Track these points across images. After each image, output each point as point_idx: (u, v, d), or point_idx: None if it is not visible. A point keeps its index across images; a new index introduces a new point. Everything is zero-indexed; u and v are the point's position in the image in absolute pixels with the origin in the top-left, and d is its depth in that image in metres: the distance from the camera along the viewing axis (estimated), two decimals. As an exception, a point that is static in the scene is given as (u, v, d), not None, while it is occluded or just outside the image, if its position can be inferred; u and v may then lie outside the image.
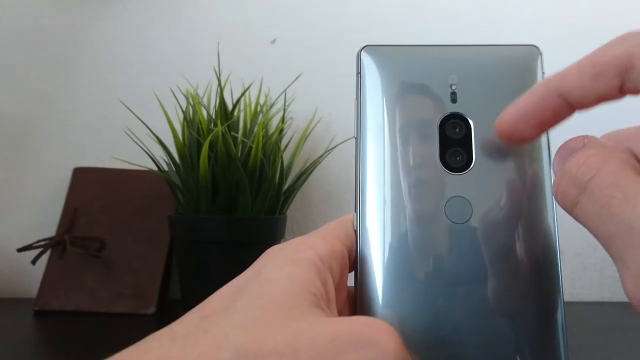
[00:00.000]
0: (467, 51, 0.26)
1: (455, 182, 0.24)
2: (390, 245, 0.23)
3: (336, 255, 0.22)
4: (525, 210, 0.23)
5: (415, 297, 0.22)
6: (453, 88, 0.25)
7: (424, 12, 0.74)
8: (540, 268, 0.23)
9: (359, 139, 0.25)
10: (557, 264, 0.23)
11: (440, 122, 0.24)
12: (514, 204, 0.23)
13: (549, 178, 0.24)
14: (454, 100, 0.25)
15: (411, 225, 0.23)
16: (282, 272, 0.20)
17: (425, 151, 0.24)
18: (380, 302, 0.23)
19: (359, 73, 0.26)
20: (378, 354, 0.17)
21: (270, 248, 0.23)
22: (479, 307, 0.22)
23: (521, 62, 0.25)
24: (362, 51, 0.26)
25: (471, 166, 0.24)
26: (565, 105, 0.20)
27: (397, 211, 0.24)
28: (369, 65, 0.26)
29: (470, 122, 0.24)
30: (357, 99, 0.25)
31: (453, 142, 0.24)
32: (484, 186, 0.24)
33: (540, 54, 0.25)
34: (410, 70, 0.25)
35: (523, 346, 0.22)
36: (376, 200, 0.24)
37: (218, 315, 0.19)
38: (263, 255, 0.22)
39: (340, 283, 0.23)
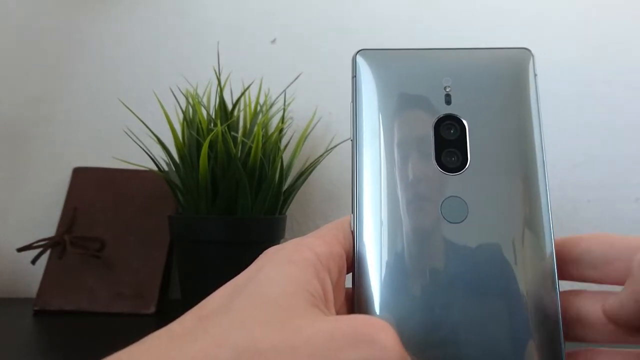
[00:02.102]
0: (461, 54, 0.26)
1: (450, 183, 0.24)
2: (387, 246, 0.23)
3: (334, 256, 0.22)
4: (521, 209, 0.23)
5: (412, 297, 0.23)
6: (447, 90, 0.25)
7: (425, 13, 0.74)
8: (536, 267, 0.23)
9: (355, 141, 0.25)
10: (553, 263, 0.23)
11: (435, 124, 0.25)
12: (509, 204, 0.23)
13: (543, 178, 0.24)
14: (448, 102, 0.25)
15: (407, 225, 0.24)
16: (280, 272, 0.20)
17: (421, 152, 0.24)
18: (378, 302, 0.23)
19: (354, 76, 0.26)
20: (376, 351, 0.17)
21: (269, 248, 0.23)
22: (476, 307, 0.22)
23: (513, 64, 0.26)
24: (357, 55, 0.26)
25: (466, 166, 0.24)
26: None
27: (393, 212, 0.24)
28: (364, 69, 0.26)
29: (465, 123, 0.25)
30: (352, 101, 0.26)
31: (448, 143, 0.24)
32: (479, 186, 0.24)
33: (532, 56, 0.26)
34: (405, 73, 0.26)
35: (521, 347, 0.22)
36: (372, 201, 0.24)
37: (217, 315, 0.19)
38: (262, 255, 0.22)
39: (338, 284, 0.23)
